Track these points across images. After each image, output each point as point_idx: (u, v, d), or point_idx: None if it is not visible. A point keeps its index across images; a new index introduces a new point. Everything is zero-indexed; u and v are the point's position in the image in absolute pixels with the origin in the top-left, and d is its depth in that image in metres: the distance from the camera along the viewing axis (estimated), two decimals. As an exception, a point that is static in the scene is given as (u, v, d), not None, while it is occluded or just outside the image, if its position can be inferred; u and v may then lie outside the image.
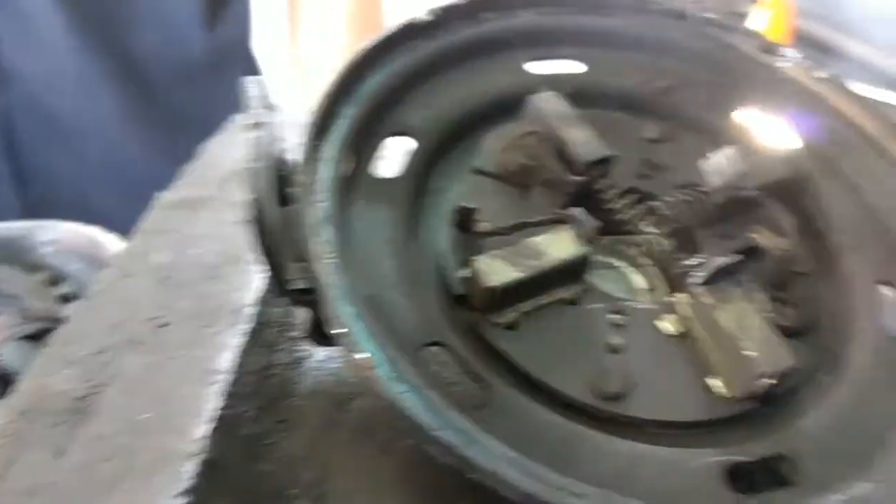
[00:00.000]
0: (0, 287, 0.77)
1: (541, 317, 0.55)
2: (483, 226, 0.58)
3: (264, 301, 0.56)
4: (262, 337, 0.54)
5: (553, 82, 0.69)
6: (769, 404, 0.54)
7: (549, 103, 0.65)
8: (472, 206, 0.58)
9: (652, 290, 0.66)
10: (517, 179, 0.63)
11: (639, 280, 0.66)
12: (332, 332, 0.46)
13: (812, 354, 0.57)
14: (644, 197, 0.64)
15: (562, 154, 0.63)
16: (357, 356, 0.45)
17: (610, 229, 0.63)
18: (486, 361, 0.52)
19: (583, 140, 0.63)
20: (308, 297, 0.46)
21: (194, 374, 0.49)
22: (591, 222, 0.56)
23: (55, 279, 0.79)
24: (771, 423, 0.53)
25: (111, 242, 0.77)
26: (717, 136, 0.69)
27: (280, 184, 0.48)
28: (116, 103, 1.24)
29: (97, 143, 1.26)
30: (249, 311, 0.55)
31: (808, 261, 0.63)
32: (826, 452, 0.51)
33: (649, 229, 0.62)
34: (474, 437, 0.44)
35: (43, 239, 0.83)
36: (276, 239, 0.44)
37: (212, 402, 0.47)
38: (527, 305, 0.55)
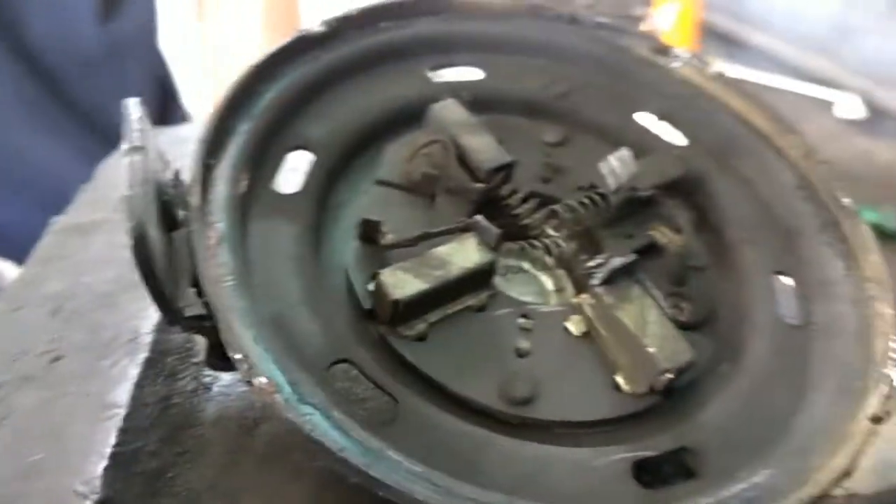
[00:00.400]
0: None
1: (449, 326, 0.55)
2: (388, 238, 0.57)
3: (162, 328, 0.54)
4: (162, 366, 0.52)
5: (452, 89, 0.69)
6: (672, 398, 0.55)
7: (449, 111, 0.65)
8: (375, 218, 0.57)
9: (560, 291, 0.67)
10: (421, 189, 0.63)
11: (547, 282, 0.67)
12: (231, 357, 0.45)
13: (712, 347, 0.59)
14: (546, 200, 0.65)
15: (464, 162, 0.63)
16: (257, 381, 0.44)
17: (515, 234, 0.63)
18: (395, 375, 0.52)
19: (484, 147, 0.63)
20: (205, 322, 0.45)
21: (89, 409, 0.47)
22: (493, 229, 0.57)
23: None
24: (675, 417, 0.54)
25: (5, 270, 0.73)
26: (615, 137, 0.71)
27: (166, 208, 0.46)
28: (15, 98, 1.18)
29: None
30: (146, 339, 0.53)
31: (705, 255, 0.65)
32: (729, 442, 0.52)
33: (552, 232, 0.63)
34: (381, 455, 0.44)
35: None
36: (160, 266, 0.43)
37: (107, 437, 0.45)
38: (434, 315, 0.55)
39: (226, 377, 0.54)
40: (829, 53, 2.33)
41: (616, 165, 0.61)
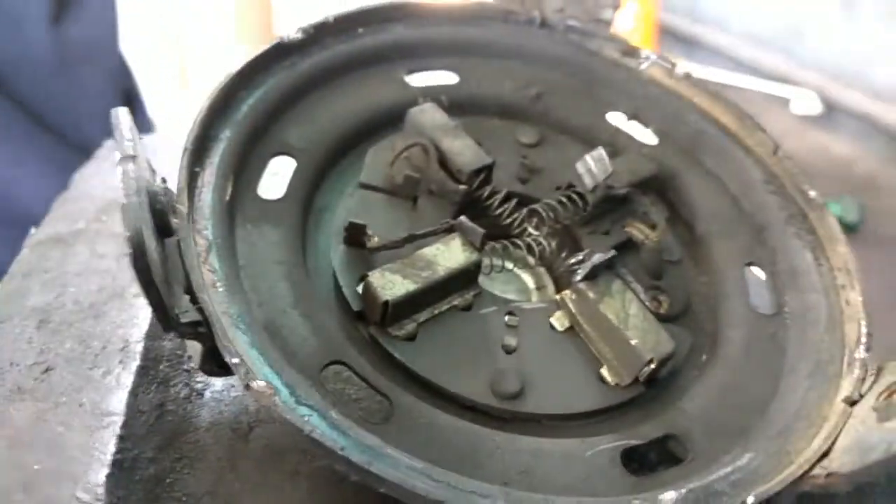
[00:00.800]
0: None
1: (437, 325, 0.56)
2: (374, 241, 0.58)
3: (153, 336, 0.55)
4: (154, 373, 0.52)
5: (428, 93, 0.70)
6: (655, 388, 0.57)
7: (428, 115, 0.66)
8: (361, 222, 0.58)
9: (541, 288, 0.68)
10: (404, 192, 0.64)
11: (528, 280, 0.68)
12: (228, 362, 0.45)
13: (690, 337, 0.61)
14: (524, 200, 0.66)
15: (445, 164, 0.64)
16: (255, 384, 0.44)
17: (496, 234, 0.64)
18: (387, 375, 0.53)
19: (464, 150, 0.65)
20: (199, 328, 0.46)
21: (85, 418, 0.47)
22: (478, 229, 0.58)
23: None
24: (658, 406, 0.56)
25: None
26: (588, 137, 0.73)
27: (158, 216, 0.46)
28: None
29: None
30: (137, 348, 0.53)
31: (678, 249, 0.68)
32: (711, 428, 0.54)
33: (533, 231, 0.64)
34: (381, 452, 0.45)
35: None
36: (157, 274, 0.43)
37: (106, 446, 0.45)
38: (423, 315, 0.56)
39: (218, 383, 0.54)
40: (785, 52, 2.40)
41: (592, 165, 0.63)
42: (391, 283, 0.54)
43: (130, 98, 1.40)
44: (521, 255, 0.67)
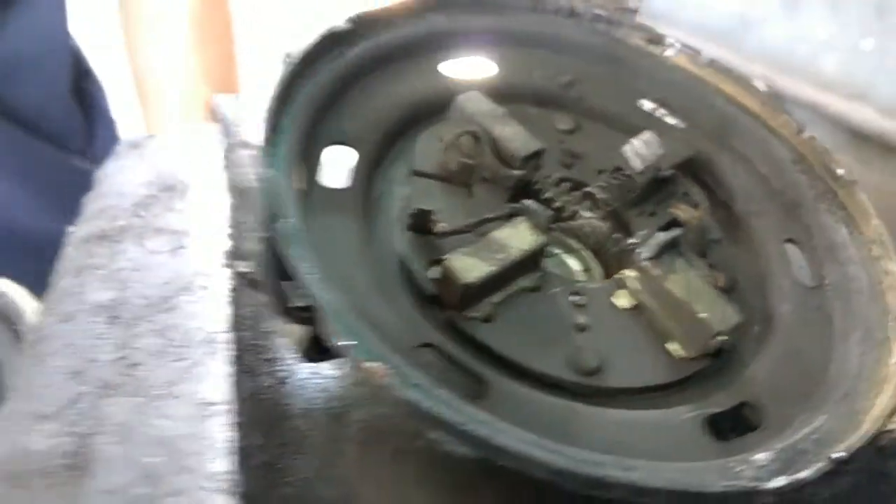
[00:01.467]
0: None
1: (511, 306, 0.57)
2: (442, 226, 0.59)
3: (234, 327, 0.54)
4: (242, 363, 0.52)
5: (470, 81, 0.71)
6: (720, 360, 0.59)
7: (475, 102, 0.68)
8: (427, 207, 0.59)
9: (587, 271, 0.70)
10: (458, 178, 0.65)
11: (574, 263, 0.70)
12: (338, 344, 0.45)
13: (742, 311, 0.63)
14: (576, 185, 0.68)
15: (497, 150, 0.66)
16: (369, 365, 0.45)
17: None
18: (472, 356, 0.54)
19: (515, 136, 0.66)
20: (307, 313, 0.46)
21: (186, 410, 0.47)
22: (544, 212, 0.59)
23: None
24: (726, 377, 0.59)
25: (12, 291, 0.70)
26: (622, 123, 0.75)
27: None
28: None
29: None
30: (221, 338, 0.53)
31: (718, 229, 0.70)
32: (779, 395, 0.57)
33: (586, 214, 0.66)
34: (497, 427, 0.46)
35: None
36: (281, 257, 0.43)
37: (217, 435, 0.45)
38: (496, 297, 0.57)
39: (301, 371, 0.54)
40: (733, 44, 2.48)
41: (643, 148, 0.65)
42: (469, 266, 0.55)
43: (86, 94, 1.35)
44: (566, 239, 0.69)
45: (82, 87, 1.33)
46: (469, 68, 0.74)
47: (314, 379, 0.53)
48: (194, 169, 0.76)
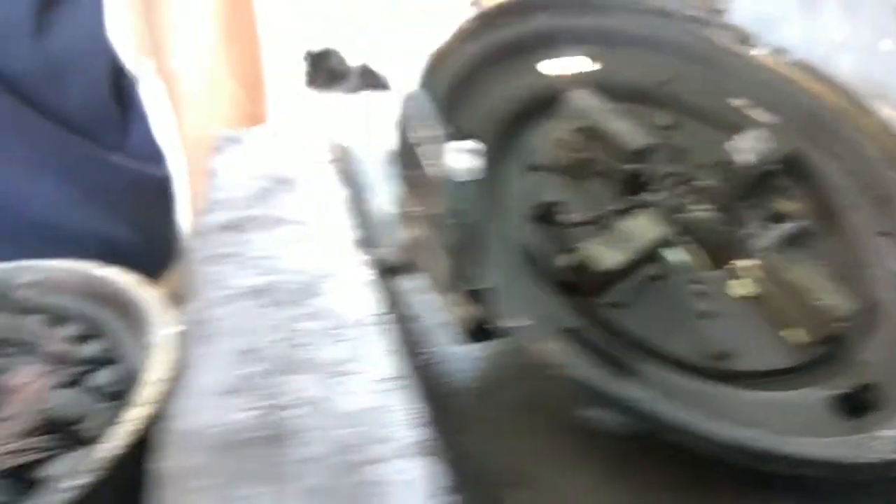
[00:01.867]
0: (7, 336, 0.71)
1: (639, 294, 0.60)
2: (570, 217, 0.62)
3: (383, 312, 0.57)
4: (396, 346, 0.55)
5: (575, 80, 0.74)
6: (834, 345, 0.62)
7: (585, 99, 0.70)
8: (555, 199, 0.62)
9: (694, 261, 0.73)
10: (572, 173, 0.68)
11: (683, 254, 0.73)
12: (509, 326, 0.48)
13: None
14: (682, 178, 0.71)
15: (608, 145, 0.68)
16: (543, 345, 0.47)
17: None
18: (610, 340, 0.57)
19: (626, 131, 0.69)
20: (479, 295, 0.49)
21: (365, 387, 0.49)
22: (666, 204, 0.62)
23: (56, 320, 0.73)
24: (843, 361, 0.61)
25: (112, 275, 0.72)
26: (715, 120, 0.78)
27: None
28: None
29: None
30: (373, 321, 0.56)
31: (815, 221, 0.73)
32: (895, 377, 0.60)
33: (695, 207, 0.69)
34: (662, 403, 0.49)
35: (22, 281, 0.76)
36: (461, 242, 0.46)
37: (399, 411, 0.48)
38: (625, 285, 0.60)
39: (447, 353, 0.57)
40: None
41: (755, 142, 0.68)
42: (605, 255, 0.58)
43: (122, 90, 1.36)
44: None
45: (119, 84, 1.35)
46: (569, 66, 0.77)
47: (458, 362, 0.55)
48: (300, 162, 0.79)
